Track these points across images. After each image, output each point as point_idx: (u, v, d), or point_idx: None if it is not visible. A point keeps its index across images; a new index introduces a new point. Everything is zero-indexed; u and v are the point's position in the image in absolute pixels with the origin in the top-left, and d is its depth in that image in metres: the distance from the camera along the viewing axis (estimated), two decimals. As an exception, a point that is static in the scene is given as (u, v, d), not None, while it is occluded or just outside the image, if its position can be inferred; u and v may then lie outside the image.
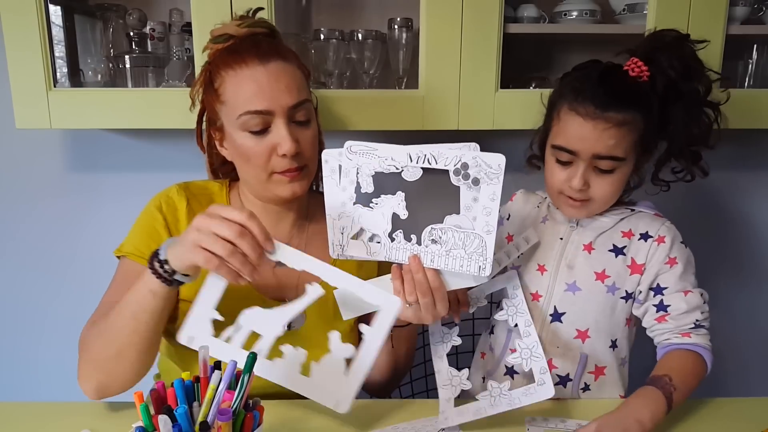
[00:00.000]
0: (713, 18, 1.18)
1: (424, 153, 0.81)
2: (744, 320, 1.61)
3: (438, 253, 0.82)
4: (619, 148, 0.88)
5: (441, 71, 1.19)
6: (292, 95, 0.90)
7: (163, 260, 0.79)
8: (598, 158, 0.89)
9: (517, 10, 1.26)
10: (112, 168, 1.48)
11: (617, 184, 0.92)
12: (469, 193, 0.80)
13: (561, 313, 0.95)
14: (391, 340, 0.98)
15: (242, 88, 0.89)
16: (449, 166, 0.79)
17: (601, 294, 0.94)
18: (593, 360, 0.96)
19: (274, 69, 0.90)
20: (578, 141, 0.89)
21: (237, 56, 0.90)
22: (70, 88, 1.26)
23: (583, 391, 0.97)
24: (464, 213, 0.80)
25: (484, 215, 0.79)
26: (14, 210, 1.50)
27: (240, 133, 0.91)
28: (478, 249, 0.80)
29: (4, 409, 0.91)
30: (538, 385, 0.85)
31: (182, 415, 0.60)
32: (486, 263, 0.80)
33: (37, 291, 1.55)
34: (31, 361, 1.59)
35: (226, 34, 0.95)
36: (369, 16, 1.39)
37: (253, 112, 0.88)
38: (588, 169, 0.90)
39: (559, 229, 0.99)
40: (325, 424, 0.86)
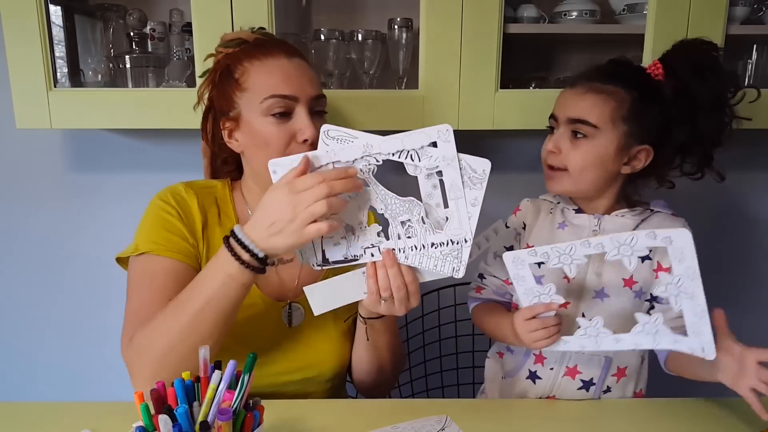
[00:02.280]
0: (713, 18, 1.18)
1: (406, 148, 0.78)
2: (745, 319, 1.62)
3: (413, 251, 0.82)
4: (592, 113, 0.90)
5: (441, 71, 1.20)
6: (315, 87, 0.95)
7: (262, 258, 0.79)
8: (573, 122, 0.91)
9: (517, 10, 1.26)
10: (112, 168, 1.48)
11: (591, 155, 0.91)
12: (427, 181, 0.79)
13: (589, 318, 0.94)
14: (365, 332, 0.98)
15: (269, 74, 0.92)
16: (394, 156, 0.79)
17: (629, 300, 0.93)
18: (616, 362, 0.96)
19: (298, 63, 0.95)
20: (560, 106, 0.94)
21: (264, 48, 0.94)
22: (71, 88, 1.26)
23: (605, 393, 0.97)
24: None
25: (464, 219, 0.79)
26: (14, 210, 1.50)
27: (261, 118, 0.92)
28: (454, 251, 0.80)
29: (4, 409, 0.91)
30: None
31: (182, 414, 0.60)
32: (460, 266, 0.81)
33: (36, 290, 1.55)
34: (32, 361, 1.59)
35: (239, 38, 0.98)
36: (369, 16, 1.39)
37: (280, 96, 0.91)
38: (563, 136, 0.93)
39: (581, 234, 0.96)
40: (325, 424, 0.86)
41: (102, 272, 1.54)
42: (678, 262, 0.76)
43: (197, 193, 0.98)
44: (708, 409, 0.93)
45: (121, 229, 1.51)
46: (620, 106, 0.90)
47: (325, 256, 0.84)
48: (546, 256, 0.81)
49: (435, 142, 0.77)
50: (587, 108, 0.90)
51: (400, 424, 0.86)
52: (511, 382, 1.02)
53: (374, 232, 0.82)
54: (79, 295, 1.54)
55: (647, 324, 0.82)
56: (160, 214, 0.95)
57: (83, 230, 1.51)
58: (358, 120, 1.22)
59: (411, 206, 0.81)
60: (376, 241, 0.82)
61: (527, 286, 0.85)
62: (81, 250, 1.52)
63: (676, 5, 1.17)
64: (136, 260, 0.93)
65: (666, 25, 1.18)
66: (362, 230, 0.82)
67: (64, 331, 1.57)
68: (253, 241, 0.79)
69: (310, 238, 0.77)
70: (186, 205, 0.96)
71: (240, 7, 1.15)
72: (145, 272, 0.92)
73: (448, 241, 0.81)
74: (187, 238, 0.94)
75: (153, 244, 0.92)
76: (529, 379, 0.99)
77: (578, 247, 0.79)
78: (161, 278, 0.90)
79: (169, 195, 0.97)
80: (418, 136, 0.77)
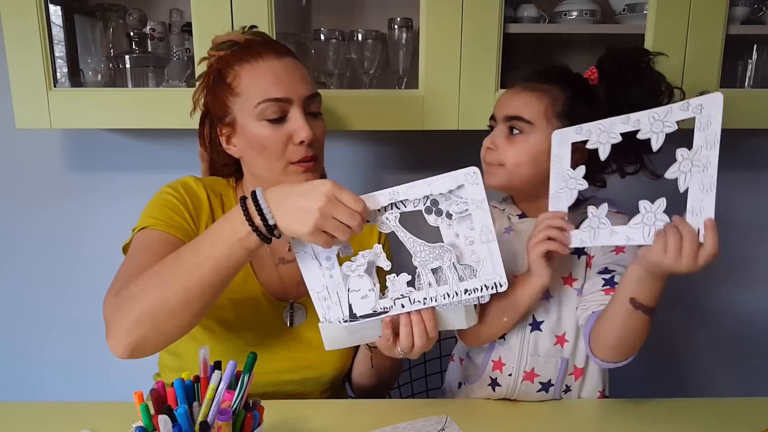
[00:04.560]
0: (713, 18, 1.18)
1: (433, 193, 0.76)
2: (740, 319, 1.62)
3: (445, 299, 0.78)
4: (526, 109, 0.92)
5: (441, 71, 1.19)
6: (307, 86, 0.94)
7: (272, 225, 0.74)
8: (509, 119, 0.93)
9: (517, 10, 1.26)
10: (112, 168, 1.48)
11: (525, 150, 0.92)
12: (449, 230, 0.77)
13: (539, 321, 0.95)
14: (370, 360, 1.00)
15: (260, 77, 0.91)
16: (419, 206, 0.77)
17: (572, 298, 0.95)
18: (572, 362, 0.96)
19: (288, 62, 0.93)
20: (498, 105, 0.97)
21: (252, 51, 0.93)
22: (70, 88, 1.26)
23: (565, 393, 0.97)
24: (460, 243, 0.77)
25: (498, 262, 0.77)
26: (14, 210, 1.50)
27: (256, 123, 0.91)
28: (476, 298, 0.78)
29: (4, 409, 0.91)
30: None
31: (182, 415, 0.60)
32: (501, 279, 0.77)
33: (36, 290, 1.55)
34: (31, 361, 1.59)
35: (230, 40, 0.97)
36: (369, 16, 1.39)
37: (272, 100, 0.90)
38: (500, 133, 0.94)
39: (523, 238, 0.96)
40: (324, 424, 0.86)
41: (102, 272, 1.52)
42: (701, 131, 0.75)
43: (206, 186, 0.98)
44: (708, 409, 0.93)
45: (121, 229, 1.50)
46: (554, 104, 0.92)
47: (352, 311, 0.79)
48: (589, 133, 0.83)
49: (462, 185, 0.75)
50: (522, 105, 0.93)
51: (400, 425, 0.86)
52: (473, 389, 1.02)
53: (403, 281, 0.78)
54: (78, 295, 1.54)
55: (648, 213, 0.79)
56: (166, 197, 0.95)
57: (83, 230, 1.51)
58: (358, 120, 1.22)
59: (441, 252, 0.77)
60: (405, 291, 0.78)
61: (561, 169, 0.86)
62: (81, 249, 1.52)
63: (676, 5, 1.17)
64: (136, 236, 0.92)
65: (666, 25, 1.18)
66: (392, 281, 0.79)
67: (64, 331, 1.57)
68: (269, 206, 0.74)
69: (314, 241, 0.74)
70: (195, 195, 0.96)
71: (240, 7, 1.15)
72: (143, 242, 0.90)
73: (483, 287, 0.77)
74: (188, 221, 0.93)
75: (154, 220, 0.92)
76: (490, 386, 0.99)
77: (617, 123, 0.81)
78: (158, 246, 0.88)
79: (178, 185, 0.98)
80: (445, 181, 0.75)
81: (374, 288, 0.79)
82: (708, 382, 1.66)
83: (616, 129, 0.81)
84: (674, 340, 1.63)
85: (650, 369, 1.64)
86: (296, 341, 0.99)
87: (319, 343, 0.93)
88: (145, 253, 0.88)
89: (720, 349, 1.63)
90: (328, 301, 0.80)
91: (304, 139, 0.90)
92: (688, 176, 0.76)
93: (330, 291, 0.79)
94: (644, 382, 1.62)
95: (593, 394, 0.98)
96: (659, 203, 0.79)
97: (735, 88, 1.34)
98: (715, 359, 1.64)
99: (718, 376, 1.65)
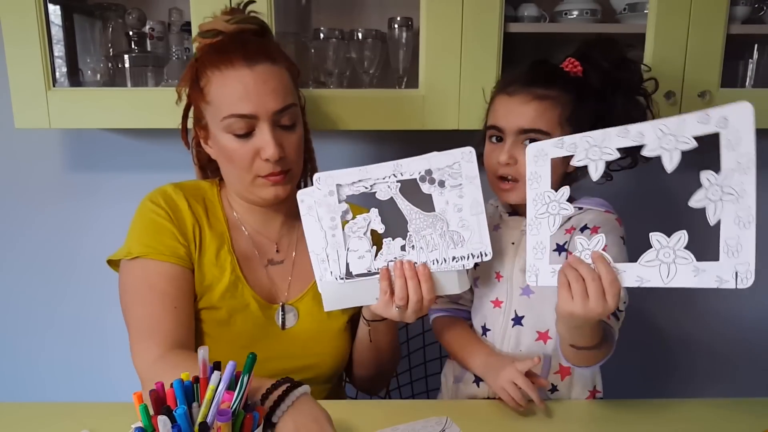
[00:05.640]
0: (714, 17, 1.18)
1: (432, 167, 0.83)
2: (738, 319, 1.62)
3: (434, 264, 0.85)
4: (542, 120, 0.91)
5: (441, 71, 1.19)
6: (278, 100, 0.89)
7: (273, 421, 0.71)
8: (523, 132, 0.91)
9: (518, 9, 1.25)
10: (111, 168, 1.48)
11: None
12: (441, 198, 0.84)
13: (521, 316, 0.95)
14: (369, 335, 0.99)
15: (228, 90, 0.88)
16: (415, 175, 0.83)
17: (553, 295, 0.93)
18: (557, 360, 0.96)
19: (261, 71, 0.88)
20: (504, 116, 0.93)
21: (224, 57, 0.89)
22: (70, 88, 1.26)
23: (551, 392, 0.97)
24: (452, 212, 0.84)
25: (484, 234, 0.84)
26: (13, 210, 1.50)
27: (224, 134, 0.90)
28: (468, 264, 0.85)
29: (4, 409, 0.90)
30: None
31: (182, 415, 0.60)
32: (486, 248, 0.84)
33: (35, 291, 1.54)
34: (30, 361, 1.59)
35: (214, 29, 0.93)
36: (369, 15, 1.39)
37: (238, 116, 0.87)
38: (515, 145, 0.92)
39: (511, 234, 0.98)
40: (325, 425, 0.86)
41: (101, 272, 1.51)
42: (730, 150, 0.62)
43: (186, 194, 0.97)
44: (708, 409, 0.92)
45: (120, 229, 1.49)
46: (564, 110, 0.92)
47: (348, 269, 0.86)
48: (573, 147, 0.72)
49: (459, 162, 0.83)
50: (537, 116, 0.91)
51: (399, 426, 0.86)
52: (461, 387, 1.03)
53: (397, 246, 0.85)
54: (78, 295, 1.54)
55: (663, 249, 0.67)
56: (151, 216, 0.93)
57: (82, 230, 1.51)
58: (358, 119, 1.22)
59: (434, 221, 0.84)
60: (399, 254, 0.85)
61: (540, 190, 0.76)
62: (80, 249, 1.52)
63: (677, 5, 1.17)
64: (129, 265, 0.91)
65: (667, 25, 1.18)
66: (387, 244, 0.85)
67: (64, 331, 1.57)
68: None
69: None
70: (176, 206, 0.95)
71: (239, 6, 1.14)
72: (143, 279, 0.90)
73: (469, 255, 0.84)
74: (178, 239, 0.92)
75: (146, 248, 0.91)
76: (475, 383, 1.00)
77: (613, 136, 0.69)
78: (161, 285, 0.89)
79: (159, 197, 0.95)
80: (444, 157, 0.83)
81: (371, 250, 0.86)
82: (706, 383, 1.65)
83: (612, 143, 0.70)
84: (672, 341, 1.63)
85: (647, 369, 1.64)
86: (290, 343, 0.98)
87: (313, 343, 0.94)
88: (151, 295, 0.89)
89: (718, 350, 1.63)
90: (325, 263, 0.86)
91: (269, 157, 0.88)
92: (718, 206, 0.63)
93: (329, 251, 0.86)
94: (641, 383, 1.62)
95: (582, 393, 0.98)
96: (679, 237, 0.67)
97: (736, 87, 1.33)
98: (712, 360, 1.63)
99: (717, 377, 1.65)
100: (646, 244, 0.71)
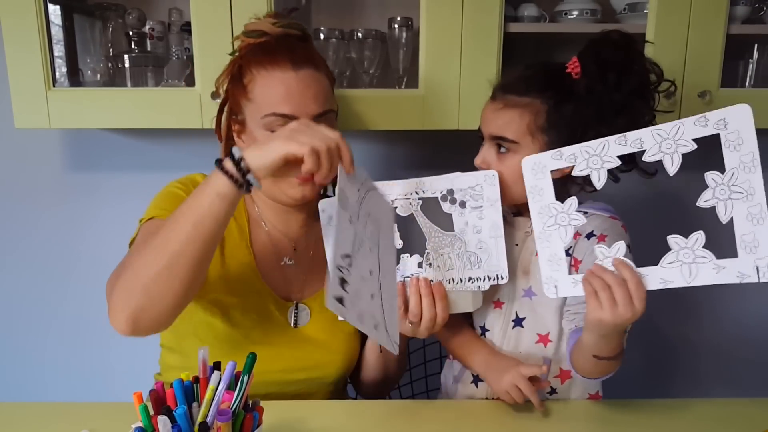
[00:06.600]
0: (714, 17, 1.18)
1: (454, 187, 0.84)
2: (739, 319, 1.62)
3: (450, 283, 0.85)
4: (509, 128, 0.89)
5: (441, 70, 1.19)
6: (319, 104, 0.92)
7: (238, 158, 0.75)
8: (494, 138, 0.91)
9: (518, 9, 1.25)
10: (112, 168, 1.48)
11: (515, 169, 0.87)
12: (461, 218, 0.84)
13: (522, 318, 0.95)
14: (379, 346, 1.00)
15: (272, 89, 0.90)
16: (436, 194, 0.85)
17: (555, 298, 0.94)
18: (556, 363, 0.96)
19: (304, 76, 0.91)
20: (483, 121, 0.94)
21: (271, 58, 0.92)
22: (70, 88, 1.26)
23: (550, 395, 0.97)
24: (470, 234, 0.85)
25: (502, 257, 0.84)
26: (13, 210, 1.50)
27: (261, 131, 0.91)
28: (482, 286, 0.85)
29: (4, 409, 0.90)
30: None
31: (181, 415, 0.60)
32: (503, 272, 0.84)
33: (35, 291, 1.54)
34: (30, 361, 1.58)
35: (260, 30, 0.96)
36: (369, 15, 1.39)
37: (279, 115, 0.90)
38: (490, 150, 0.92)
39: (515, 235, 0.97)
40: (324, 425, 0.86)
41: (101, 272, 1.51)
42: (732, 150, 0.64)
43: None
44: (708, 409, 0.92)
45: (120, 229, 1.50)
46: (536, 118, 0.88)
47: None
48: (573, 158, 0.73)
49: (481, 184, 0.84)
50: (504, 124, 0.89)
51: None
52: (459, 387, 1.03)
53: (414, 262, 0.86)
54: (78, 295, 1.54)
55: (682, 251, 0.69)
56: (173, 190, 0.97)
57: (82, 230, 1.51)
58: (358, 119, 1.22)
59: (453, 240, 0.85)
60: (415, 271, 0.85)
61: (544, 203, 0.77)
62: (80, 249, 1.52)
63: (677, 4, 1.17)
64: (142, 227, 0.93)
65: (667, 25, 1.18)
66: (404, 261, 0.86)
67: (64, 331, 1.57)
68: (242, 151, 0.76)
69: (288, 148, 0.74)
70: None
71: (239, 6, 1.14)
72: (148, 231, 0.90)
73: (486, 277, 0.85)
74: None
75: (160, 210, 0.93)
76: (473, 383, 1.00)
77: (612, 144, 0.70)
78: None
79: (186, 180, 0.99)
80: (467, 178, 0.85)
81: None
82: (706, 383, 1.65)
83: (611, 152, 0.71)
84: (672, 341, 1.63)
85: (646, 370, 1.64)
86: (301, 341, 0.98)
87: (324, 343, 0.94)
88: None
89: (718, 350, 1.63)
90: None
91: None
92: (728, 205, 0.65)
93: None
94: (641, 383, 1.62)
95: (582, 396, 0.98)
96: (696, 238, 0.69)
97: (736, 87, 1.33)
98: (713, 360, 1.63)
99: (717, 377, 1.65)
100: (652, 246, 0.72)
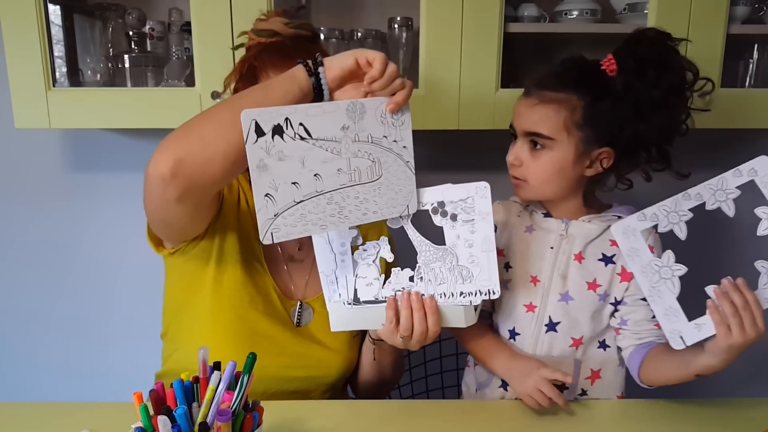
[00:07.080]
0: (714, 17, 1.18)
1: (445, 200, 0.83)
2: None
3: (441, 298, 0.84)
4: (545, 125, 0.89)
5: (441, 70, 1.19)
6: None
7: (319, 60, 0.81)
8: (529, 135, 0.91)
9: (518, 9, 1.25)
10: (111, 168, 1.48)
11: (550, 166, 0.90)
12: (452, 231, 0.83)
13: (556, 322, 0.95)
14: (373, 353, 1.00)
15: None
16: (427, 207, 0.83)
17: (593, 303, 0.94)
18: (587, 365, 0.96)
19: None
20: (516, 117, 0.93)
21: (289, 62, 0.89)
22: (70, 88, 1.26)
23: (581, 395, 0.97)
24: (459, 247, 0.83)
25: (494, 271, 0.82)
26: (14, 210, 1.50)
27: None
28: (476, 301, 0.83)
29: (4, 409, 0.90)
30: None
31: (181, 415, 0.60)
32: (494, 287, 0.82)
33: (35, 290, 1.54)
34: (30, 361, 1.58)
35: (271, 30, 0.96)
36: (369, 15, 1.39)
37: None
38: (523, 147, 0.92)
39: (549, 238, 0.96)
40: (324, 425, 0.86)
41: (101, 272, 1.53)
42: (767, 188, 0.78)
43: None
44: (708, 409, 0.92)
45: (120, 229, 1.50)
46: (573, 114, 0.88)
47: (356, 295, 0.86)
48: (655, 217, 0.82)
49: (472, 197, 0.82)
50: (540, 120, 0.89)
51: None
52: (487, 393, 1.02)
53: (406, 276, 0.84)
54: (78, 294, 1.54)
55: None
56: None
57: (82, 230, 1.51)
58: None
59: (444, 254, 0.83)
60: (407, 285, 0.84)
61: (644, 262, 0.82)
62: (80, 249, 1.52)
63: (676, 4, 1.17)
64: None
65: (667, 25, 1.16)
66: (395, 274, 0.85)
67: (64, 331, 1.57)
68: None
69: (351, 63, 0.80)
70: None
71: (239, 6, 1.14)
72: None
73: (477, 291, 0.83)
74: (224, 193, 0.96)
75: None
76: (501, 387, 0.99)
77: (681, 201, 0.81)
78: None
79: None
80: (458, 190, 0.82)
81: (379, 278, 0.85)
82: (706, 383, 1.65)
83: (683, 207, 0.81)
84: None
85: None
86: (304, 339, 0.99)
87: (326, 343, 0.94)
88: None
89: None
90: (335, 285, 0.86)
91: None
92: None
93: (338, 275, 0.86)
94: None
95: (611, 398, 0.98)
96: None
97: (736, 87, 1.33)
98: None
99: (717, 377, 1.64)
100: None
